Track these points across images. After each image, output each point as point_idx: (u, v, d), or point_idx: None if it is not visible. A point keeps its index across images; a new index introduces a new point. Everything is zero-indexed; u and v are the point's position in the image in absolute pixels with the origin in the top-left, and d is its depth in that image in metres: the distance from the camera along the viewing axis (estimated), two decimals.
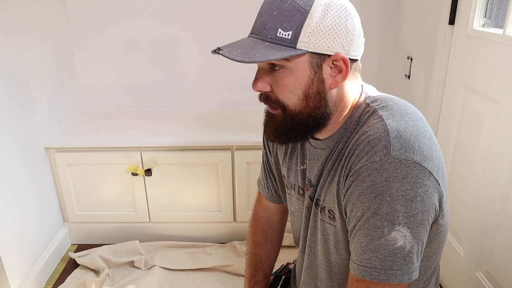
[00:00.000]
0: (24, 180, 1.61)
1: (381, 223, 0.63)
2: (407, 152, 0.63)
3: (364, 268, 0.66)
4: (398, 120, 0.66)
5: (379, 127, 0.66)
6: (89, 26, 2.03)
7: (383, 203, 0.63)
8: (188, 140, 1.80)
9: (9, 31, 1.52)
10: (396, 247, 0.63)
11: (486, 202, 1.30)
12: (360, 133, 0.68)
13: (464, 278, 1.45)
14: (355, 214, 0.67)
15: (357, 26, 0.68)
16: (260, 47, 0.65)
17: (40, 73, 1.74)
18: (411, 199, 0.62)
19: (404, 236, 0.63)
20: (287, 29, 0.64)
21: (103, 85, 2.15)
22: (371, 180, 0.63)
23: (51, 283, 1.72)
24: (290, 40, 0.64)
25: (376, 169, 0.63)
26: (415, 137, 0.64)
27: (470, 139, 1.40)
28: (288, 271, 1.11)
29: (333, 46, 0.65)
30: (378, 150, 0.64)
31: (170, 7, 2.00)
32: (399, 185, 0.62)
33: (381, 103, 0.71)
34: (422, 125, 0.68)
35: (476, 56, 1.36)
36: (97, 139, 1.82)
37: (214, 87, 2.17)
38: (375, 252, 0.64)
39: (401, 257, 0.64)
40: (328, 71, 0.68)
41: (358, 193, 0.65)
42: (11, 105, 1.53)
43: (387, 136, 0.64)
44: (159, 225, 1.94)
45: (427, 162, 0.64)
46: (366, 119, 0.70)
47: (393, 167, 0.62)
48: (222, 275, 1.74)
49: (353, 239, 0.68)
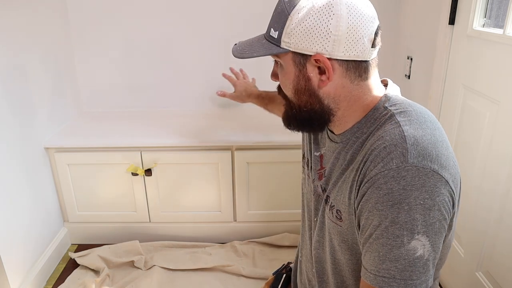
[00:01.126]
0: (24, 180, 1.61)
1: (400, 232, 0.62)
2: (424, 160, 0.62)
3: (382, 279, 0.64)
4: (416, 128, 0.66)
5: (396, 133, 0.65)
6: (90, 26, 2.03)
7: (401, 211, 0.61)
8: (188, 140, 1.80)
9: (9, 31, 1.52)
10: (416, 256, 0.62)
11: (486, 202, 1.30)
12: (376, 137, 0.68)
13: (464, 278, 1.45)
14: (371, 223, 0.65)
15: (346, 27, 0.66)
16: (257, 44, 0.74)
17: (40, 73, 1.74)
18: (430, 208, 0.61)
19: (423, 245, 0.62)
20: (276, 29, 0.71)
21: (103, 85, 2.15)
22: (388, 188, 0.62)
23: (51, 283, 1.72)
24: (276, 39, 0.71)
25: (393, 176, 0.62)
26: (433, 146, 0.64)
27: (470, 139, 1.40)
28: (289, 270, 1.11)
29: (312, 47, 0.68)
30: (395, 157, 0.63)
31: (171, 7, 2.00)
32: (417, 193, 0.61)
33: (400, 108, 0.70)
34: (439, 134, 0.67)
35: (476, 56, 1.36)
36: (97, 139, 1.82)
37: (214, 87, 2.16)
38: (394, 262, 0.63)
39: (420, 266, 0.63)
40: (315, 70, 0.70)
41: (374, 201, 0.64)
42: (11, 105, 1.53)
43: (404, 143, 0.63)
44: (159, 225, 1.94)
45: (444, 171, 0.63)
46: (383, 123, 0.69)
47: (411, 175, 0.61)
48: (222, 275, 1.74)
49: (369, 248, 0.66)
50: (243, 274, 1.72)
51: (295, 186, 1.87)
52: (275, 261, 1.79)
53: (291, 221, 1.94)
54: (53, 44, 1.88)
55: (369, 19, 0.69)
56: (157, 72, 2.13)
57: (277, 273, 1.12)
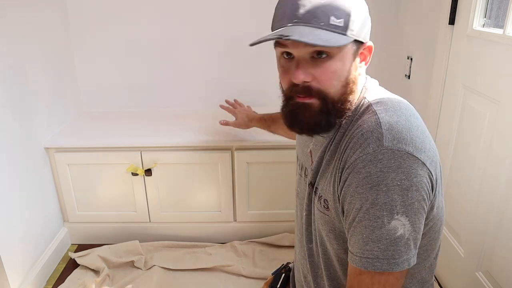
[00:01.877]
0: (24, 180, 1.61)
1: (380, 213, 0.64)
2: (399, 143, 0.65)
3: (366, 260, 0.66)
4: (391, 114, 0.69)
5: (372, 120, 0.69)
6: (90, 26, 2.03)
7: (380, 193, 0.64)
8: (188, 140, 1.80)
9: (9, 31, 1.52)
10: (397, 236, 0.64)
11: (486, 202, 1.30)
12: (356, 127, 0.71)
13: (464, 278, 1.45)
14: (353, 206, 0.67)
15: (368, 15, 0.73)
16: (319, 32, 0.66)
17: (40, 73, 1.74)
18: (407, 189, 0.64)
19: (403, 224, 0.64)
20: (339, 16, 0.66)
21: (103, 85, 2.15)
22: (366, 171, 0.65)
23: (51, 283, 1.72)
24: (342, 27, 0.67)
25: (370, 160, 0.65)
26: (407, 130, 0.66)
27: (470, 139, 1.40)
28: (288, 270, 1.12)
29: (365, 35, 0.72)
30: (371, 142, 0.66)
31: (171, 7, 2.00)
32: (394, 175, 0.63)
33: (377, 99, 0.74)
34: (414, 120, 0.70)
35: (476, 56, 1.36)
36: (97, 139, 1.82)
37: (214, 87, 2.17)
38: (377, 242, 0.65)
39: (402, 245, 0.65)
40: (358, 59, 0.73)
41: (355, 185, 0.66)
42: (11, 105, 1.53)
43: (380, 129, 0.66)
44: (159, 225, 1.94)
45: (420, 153, 0.65)
46: (361, 113, 0.73)
47: (387, 157, 0.64)
48: (222, 275, 1.74)
49: (354, 231, 0.68)
50: (243, 274, 1.72)
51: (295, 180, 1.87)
52: (275, 261, 1.79)
53: (291, 221, 1.94)
54: (53, 44, 1.88)
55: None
56: (157, 72, 2.13)
57: (276, 273, 1.12)
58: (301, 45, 0.66)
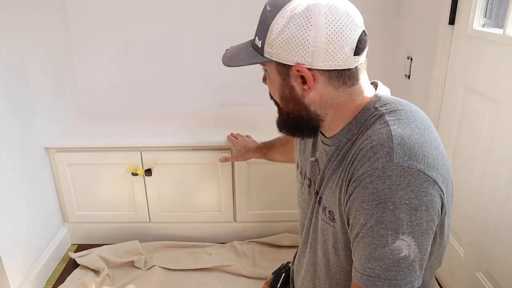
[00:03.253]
0: (24, 180, 1.61)
1: (385, 231, 0.62)
2: (410, 160, 0.62)
3: (367, 277, 0.64)
4: (404, 127, 0.65)
5: (383, 132, 0.65)
6: (89, 26, 2.03)
7: (386, 211, 0.61)
8: (188, 140, 1.80)
9: (9, 31, 1.52)
10: (401, 256, 0.62)
11: (486, 202, 1.30)
12: (364, 137, 0.68)
13: (464, 278, 1.45)
14: (358, 221, 0.66)
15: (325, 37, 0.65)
16: (244, 51, 0.75)
17: (40, 73, 1.74)
18: (416, 208, 0.61)
19: (409, 245, 0.62)
20: (260, 38, 0.71)
21: (103, 85, 2.15)
22: (373, 187, 0.62)
23: (51, 283, 1.72)
24: (260, 48, 0.71)
25: (378, 176, 0.62)
26: (420, 145, 0.63)
27: (470, 139, 1.40)
28: (288, 269, 1.12)
29: (292, 57, 0.68)
30: (380, 157, 0.63)
31: (171, 7, 2.00)
32: (402, 193, 0.61)
33: (390, 108, 0.70)
34: (429, 134, 0.67)
35: (476, 56, 1.36)
36: (97, 139, 1.82)
37: (214, 87, 2.17)
38: (379, 261, 0.63)
39: (405, 266, 0.63)
40: (298, 80, 0.71)
41: (361, 200, 0.64)
42: (11, 105, 1.53)
43: (391, 143, 0.63)
44: (159, 225, 1.94)
45: (432, 170, 0.63)
46: (372, 123, 0.69)
47: (396, 174, 0.61)
48: (222, 275, 1.74)
49: (357, 246, 0.67)
50: (243, 274, 1.72)
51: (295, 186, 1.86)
52: (275, 261, 1.79)
53: (291, 221, 1.94)
54: (53, 44, 1.88)
55: (350, 27, 0.66)
56: (157, 72, 2.13)
57: (276, 273, 1.12)
58: None
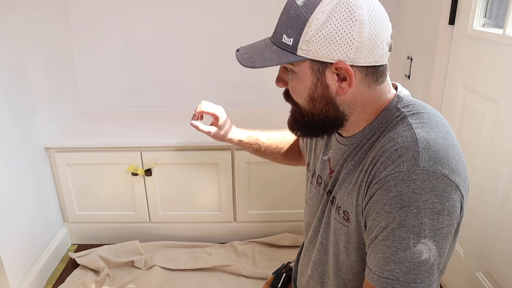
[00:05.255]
0: (24, 180, 1.61)
1: (407, 235, 0.62)
2: (435, 164, 0.62)
3: (385, 280, 0.64)
4: (428, 131, 0.65)
5: (408, 135, 0.65)
6: (89, 26, 2.03)
7: (409, 214, 0.61)
8: (188, 140, 1.80)
9: (9, 31, 1.52)
10: (421, 260, 0.62)
11: (486, 203, 1.30)
12: (387, 139, 0.67)
13: (464, 278, 1.45)
14: (378, 224, 0.65)
15: (368, 32, 0.65)
16: (267, 51, 0.69)
17: (40, 73, 1.74)
18: (438, 213, 0.61)
19: (430, 249, 0.62)
20: (290, 35, 0.66)
21: (103, 85, 2.15)
22: (397, 190, 0.62)
23: (51, 283, 1.71)
24: (291, 46, 0.66)
25: (403, 179, 0.62)
26: (444, 150, 0.63)
27: (470, 139, 1.40)
28: (288, 269, 1.11)
29: (333, 54, 0.65)
30: (406, 160, 0.62)
31: (170, 7, 2.00)
32: (427, 197, 0.61)
33: (412, 110, 0.70)
34: (451, 138, 0.67)
35: (476, 56, 1.36)
36: (97, 139, 1.82)
37: (214, 87, 2.17)
38: (399, 264, 0.63)
39: (425, 270, 0.63)
40: (334, 78, 0.67)
41: (383, 203, 0.64)
42: (11, 105, 1.53)
43: (416, 146, 0.63)
44: (159, 225, 1.94)
45: (455, 175, 0.63)
46: (395, 125, 0.69)
47: (421, 178, 0.61)
48: (222, 275, 1.74)
49: (374, 249, 0.66)
50: (243, 274, 1.72)
51: (295, 186, 1.87)
52: (275, 261, 1.79)
53: (291, 221, 1.94)
54: (53, 44, 1.88)
55: (387, 22, 0.68)
56: (157, 72, 2.13)
57: (277, 273, 1.12)
58: None
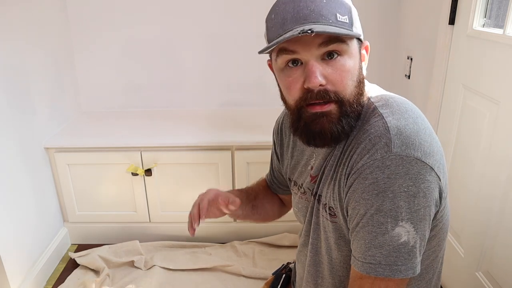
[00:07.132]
0: (24, 180, 1.61)
1: (384, 219, 0.64)
2: (408, 149, 0.64)
3: (368, 265, 0.66)
4: (398, 118, 0.67)
5: (380, 125, 0.67)
6: (89, 26, 2.03)
7: (386, 199, 0.63)
8: (188, 140, 1.80)
9: (9, 31, 1.52)
10: (400, 242, 0.64)
11: (486, 202, 1.30)
12: (362, 131, 0.70)
13: (464, 278, 1.45)
14: (357, 212, 0.67)
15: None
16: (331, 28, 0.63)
17: (40, 73, 1.74)
18: (414, 195, 0.63)
19: (408, 231, 0.64)
20: (343, 14, 0.67)
21: (103, 85, 2.15)
22: (373, 177, 0.64)
23: (51, 283, 1.72)
24: (348, 24, 0.67)
25: (378, 166, 0.64)
26: (416, 134, 0.65)
27: (470, 139, 1.40)
28: (288, 270, 1.11)
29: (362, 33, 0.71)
30: (379, 148, 0.65)
31: (170, 7, 2.00)
32: (401, 181, 0.63)
33: (381, 101, 0.72)
34: (422, 122, 0.69)
35: (476, 56, 1.36)
36: (97, 139, 1.82)
37: (214, 87, 2.17)
38: (379, 248, 0.65)
39: (405, 252, 0.64)
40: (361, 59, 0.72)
41: (361, 191, 0.66)
42: (11, 105, 1.53)
43: (388, 134, 0.65)
44: (159, 225, 1.94)
45: (428, 157, 0.64)
46: (368, 117, 0.71)
47: (395, 164, 0.63)
48: (222, 275, 1.74)
49: (356, 236, 0.68)
50: (243, 274, 1.72)
51: None
52: (275, 261, 1.79)
53: (291, 221, 1.93)
54: (53, 44, 1.88)
55: None
56: (157, 72, 2.13)
57: (277, 273, 1.11)
58: (314, 47, 0.65)
